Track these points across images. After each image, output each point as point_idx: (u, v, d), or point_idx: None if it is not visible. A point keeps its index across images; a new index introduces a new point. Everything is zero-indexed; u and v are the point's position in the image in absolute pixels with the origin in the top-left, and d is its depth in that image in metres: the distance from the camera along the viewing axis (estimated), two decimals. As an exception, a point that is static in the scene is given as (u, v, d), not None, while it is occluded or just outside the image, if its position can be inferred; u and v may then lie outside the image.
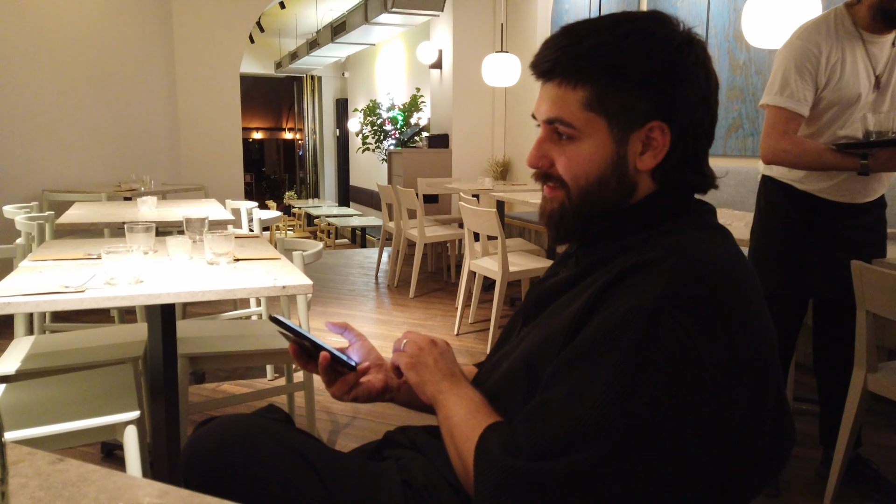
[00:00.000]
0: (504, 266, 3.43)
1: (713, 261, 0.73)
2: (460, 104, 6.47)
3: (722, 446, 0.69)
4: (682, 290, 0.68)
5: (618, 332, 0.67)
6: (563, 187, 0.82)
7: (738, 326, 0.70)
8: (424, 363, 0.89)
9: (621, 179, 0.80)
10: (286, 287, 1.57)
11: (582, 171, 0.80)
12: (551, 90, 0.81)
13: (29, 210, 3.36)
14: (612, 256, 0.79)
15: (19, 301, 1.37)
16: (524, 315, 0.91)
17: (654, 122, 0.78)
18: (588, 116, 0.79)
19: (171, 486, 0.66)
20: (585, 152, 0.80)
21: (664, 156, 0.79)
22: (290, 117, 15.33)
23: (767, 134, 1.96)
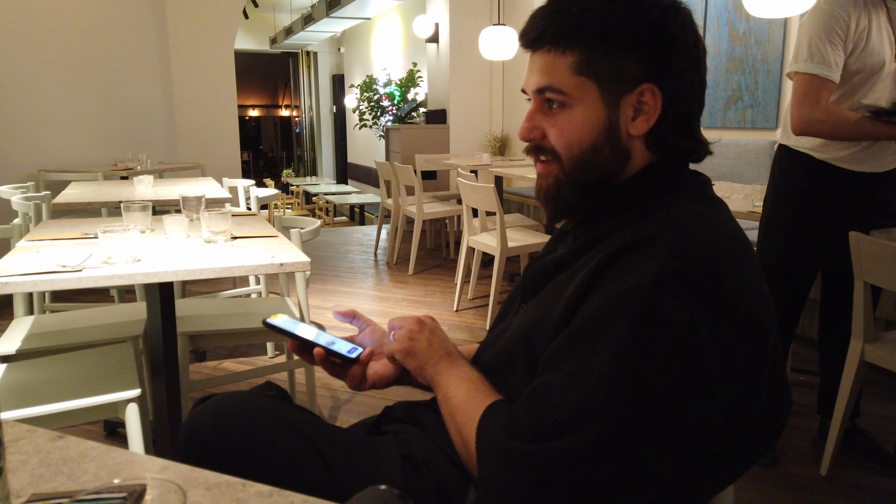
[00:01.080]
0: (503, 242, 3.43)
1: (709, 236, 0.73)
2: (458, 79, 6.41)
3: (721, 417, 0.69)
4: (679, 266, 0.68)
5: (616, 312, 0.67)
6: (557, 160, 0.82)
7: (735, 300, 0.70)
8: (418, 348, 0.89)
9: (615, 146, 0.80)
10: (284, 265, 1.57)
11: (575, 138, 0.80)
12: (540, 59, 0.80)
13: (25, 190, 3.35)
14: (609, 233, 0.79)
15: (17, 280, 1.37)
16: (522, 291, 0.91)
17: (645, 85, 0.77)
18: (578, 81, 0.78)
19: (171, 461, 0.66)
20: (577, 119, 0.79)
21: (656, 120, 0.79)
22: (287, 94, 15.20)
23: (799, 103, 1.89)
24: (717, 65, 4.26)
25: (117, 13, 5.05)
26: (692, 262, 0.69)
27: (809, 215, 2.01)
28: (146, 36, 5.29)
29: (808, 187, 2.00)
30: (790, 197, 2.05)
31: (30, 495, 0.59)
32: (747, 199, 2.44)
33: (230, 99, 5.81)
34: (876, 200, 1.98)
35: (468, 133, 6.49)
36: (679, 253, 0.69)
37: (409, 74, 8.22)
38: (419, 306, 3.93)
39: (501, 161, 5.40)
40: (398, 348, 0.90)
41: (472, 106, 6.48)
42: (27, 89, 4.44)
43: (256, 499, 0.60)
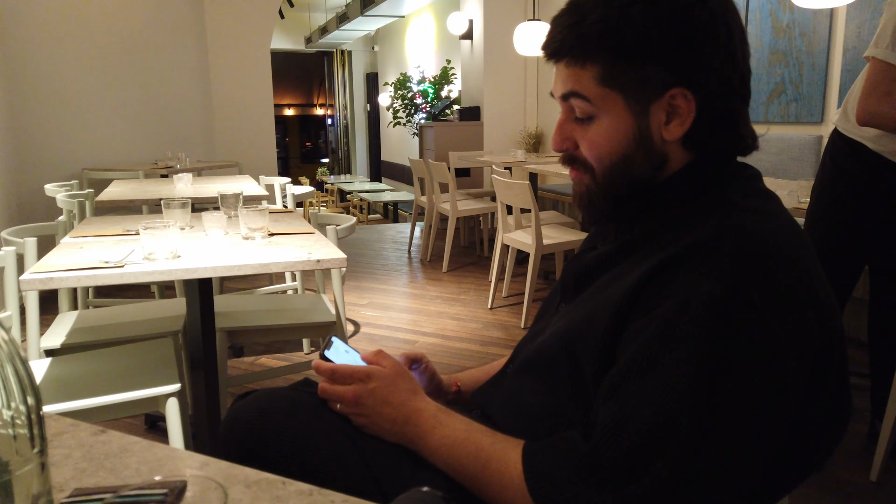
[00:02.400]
0: (538, 239, 3.39)
1: (772, 237, 0.69)
2: (491, 75, 6.37)
3: (790, 426, 0.66)
4: (748, 274, 0.65)
5: (687, 328, 0.64)
6: (588, 170, 0.79)
7: (806, 300, 0.67)
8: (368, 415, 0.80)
9: (648, 153, 0.76)
10: (321, 261, 1.57)
11: (605, 150, 0.76)
12: (563, 70, 0.78)
13: (69, 188, 3.43)
14: (656, 231, 0.75)
15: (61, 276, 1.40)
16: (563, 291, 0.87)
17: (674, 90, 0.73)
18: (602, 92, 0.75)
19: (211, 457, 0.66)
20: (605, 130, 0.76)
21: (692, 122, 0.75)
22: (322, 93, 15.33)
23: (869, 93, 1.78)
24: (759, 58, 4.14)
25: (158, 16, 5.15)
26: (760, 266, 0.65)
27: (859, 206, 1.92)
28: (185, 37, 5.38)
29: (858, 177, 1.92)
30: (839, 186, 1.97)
31: (72, 489, 0.59)
32: (792, 196, 2.36)
33: (267, 98, 5.87)
34: None
35: (502, 130, 6.44)
36: (745, 257, 0.66)
37: (442, 72, 8.20)
38: (453, 304, 3.92)
39: (536, 158, 5.35)
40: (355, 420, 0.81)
41: (507, 102, 6.43)
42: (72, 92, 4.57)
43: (296, 497, 0.59)
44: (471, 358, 3.05)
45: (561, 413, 0.76)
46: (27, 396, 0.41)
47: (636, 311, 0.69)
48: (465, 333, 3.39)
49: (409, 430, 0.78)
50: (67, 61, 4.55)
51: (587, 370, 0.72)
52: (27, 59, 4.36)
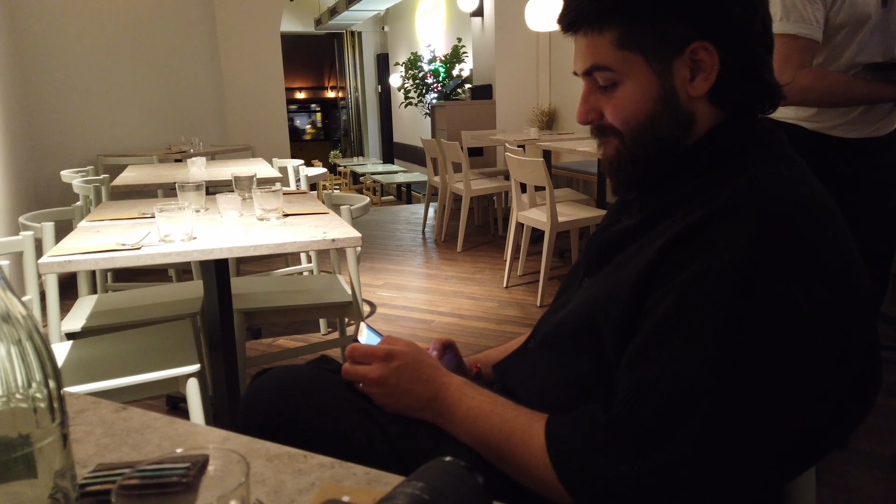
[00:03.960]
0: (553, 217, 3.37)
1: (799, 201, 0.67)
2: (503, 52, 6.29)
3: (814, 396, 0.65)
4: (771, 237, 0.63)
5: (709, 295, 0.63)
6: (616, 135, 0.78)
7: (832, 267, 0.65)
8: (392, 393, 0.79)
9: (674, 113, 0.75)
10: (335, 240, 1.57)
11: (630, 113, 0.76)
12: (581, 42, 0.78)
13: (85, 174, 3.46)
14: (681, 201, 0.73)
15: (79, 259, 1.41)
16: (586, 264, 0.86)
17: (694, 44, 0.72)
18: (622, 55, 0.74)
19: (232, 432, 0.66)
20: (630, 94, 0.75)
21: (717, 75, 0.73)
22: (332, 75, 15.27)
23: (780, 69, 1.70)
24: None
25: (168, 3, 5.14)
26: (785, 232, 0.64)
27: None
28: (196, 23, 5.37)
29: None
30: None
31: (95, 465, 0.59)
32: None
33: (278, 81, 5.86)
34: (885, 167, 1.77)
35: (515, 108, 6.38)
36: (769, 222, 0.64)
37: (453, 50, 8.13)
38: (469, 283, 3.91)
39: (549, 135, 5.30)
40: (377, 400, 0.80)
41: (519, 80, 6.36)
42: (86, 79, 4.59)
43: (318, 470, 0.59)
44: (487, 336, 3.05)
45: (583, 386, 0.75)
46: (46, 371, 0.41)
47: (658, 282, 0.67)
48: (482, 312, 3.39)
49: (435, 404, 0.78)
50: (81, 49, 4.56)
51: (609, 343, 0.71)
52: (42, 47, 4.38)
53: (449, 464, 0.47)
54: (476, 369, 0.96)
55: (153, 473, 0.53)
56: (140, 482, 0.50)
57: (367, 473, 0.58)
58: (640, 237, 0.75)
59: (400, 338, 0.83)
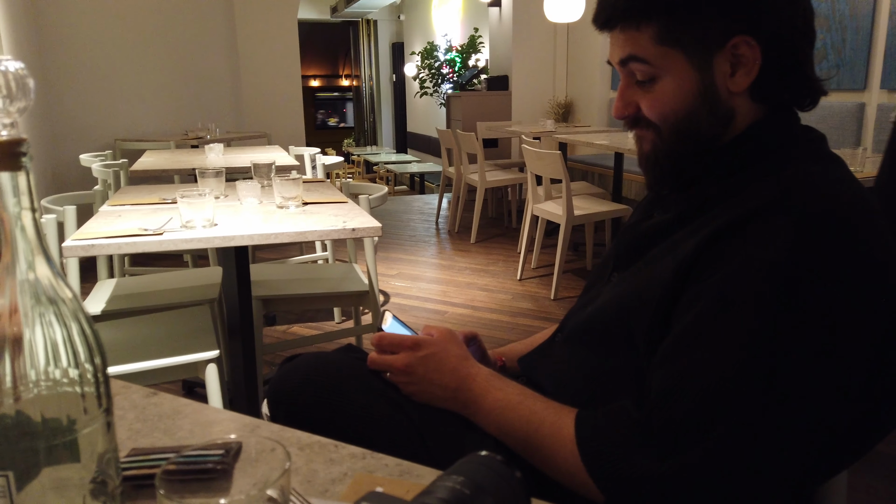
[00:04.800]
0: (568, 210, 3.35)
1: (840, 200, 0.66)
2: (520, 43, 6.25)
3: (851, 398, 0.64)
4: (815, 239, 0.62)
5: (749, 293, 0.62)
6: (653, 129, 0.77)
7: (873, 270, 0.64)
8: (418, 382, 0.79)
9: (713, 108, 0.73)
10: (356, 230, 1.57)
11: (668, 108, 0.74)
12: (618, 36, 0.76)
13: (104, 158, 3.48)
14: (718, 198, 0.72)
15: (102, 243, 1.42)
16: (616, 259, 0.84)
17: (736, 39, 0.71)
18: (661, 51, 0.73)
19: (262, 420, 0.66)
20: (669, 89, 0.74)
21: (759, 70, 0.72)
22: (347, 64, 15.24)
23: None
24: None
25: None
26: (825, 232, 0.63)
27: None
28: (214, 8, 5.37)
29: None
30: None
31: (129, 450, 0.60)
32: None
33: (294, 68, 5.85)
34: None
35: (531, 99, 6.34)
36: (810, 222, 0.63)
37: (470, 40, 8.08)
38: (482, 275, 3.91)
39: (565, 127, 5.26)
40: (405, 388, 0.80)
41: (535, 71, 6.32)
42: (105, 64, 4.62)
43: (349, 460, 0.59)
44: (501, 328, 3.05)
45: (611, 382, 0.75)
46: (93, 354, 0.41)
47: (693, 279, 0.67)
48: (495, 304, 3.39)
49: (461, 394, 0.77)
50: (101, 35, 4.59)
51: (640, 339, 0.71)
52: (62, 32, 4.40)
53: (487, 458, 0.47)
54: (500, 362, 0.96)
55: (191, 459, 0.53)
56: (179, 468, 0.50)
57: (399, 465, 0.58)
58: (675, 233, 0.74)
59: (437, 326, 0.83)
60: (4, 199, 0.38)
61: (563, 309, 3.29)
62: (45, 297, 0.40)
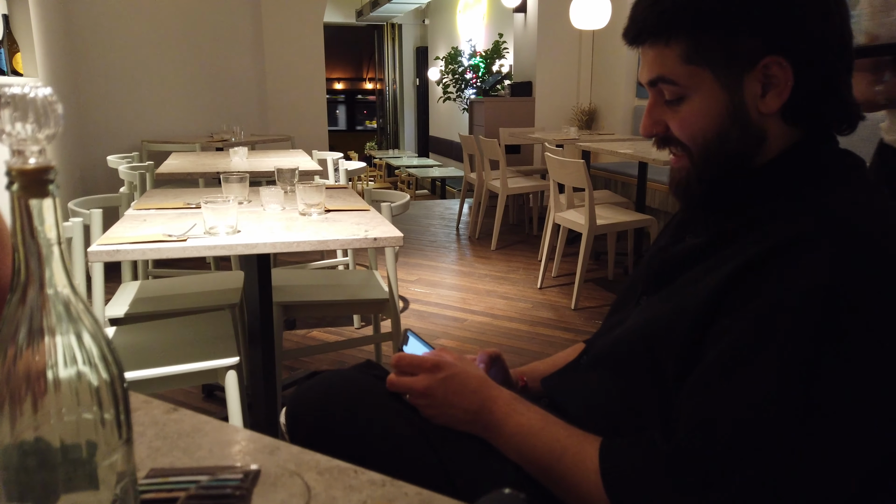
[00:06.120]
0: (591, 219, 3.32)
1: (878, 232, 0.64)
2: (545, 50, 6.23)
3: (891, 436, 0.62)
4: (849, 273, 0.60)
5: (785, 324, 0.60)
6: (686, 151, 0.75)
7: None
8: (438, 405, 0.77)
9: (744, 129, 0.72)
10: (377, 239, 1.57)
11: (697, 129, 0.73)
12: (648, 52, 0.75)
13: (130, 160, 3.52)
14: (752, 224, 0.70)
15: (127, 249, 1.43)
16: (644, 283, 0.83)
17: (767, 59, 0.69)
18: (690, 70, 0.71)
19: (282, 441, 0.66)
20: (697, 109, 0.72)
21: (790, 92, 0.69)
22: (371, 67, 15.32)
23: None
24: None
25: (214, -12, 5.20)
26: (863, 262, 0.61)
27: None
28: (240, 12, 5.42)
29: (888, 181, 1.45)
30: None
31: (149, 469, 0.59)
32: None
33: (319, 72, 5.89)
34: None
35: (554, 106, 6.31)
36: (848, 254, 0.61)
37: (494, 46, 8.08)
38: (502, 283, 3.89)
39: (589, 135, 5.23)
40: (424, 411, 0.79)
41: (560, 78, 6.29)
42: (132, 66, 4.69)
43: (369, 487, 0.58)
44: (520, 338, 3.03)
45: (637, 409, 0.73)
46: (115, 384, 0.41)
47: (726, 307, 0.65)
48: (515, 313, 3.37)
49: (482, 418, 0.76)
50: (129, 38, 4.67)
51: (669, 367, 0.69)
52: (90, 35, 4.48)
53: (509, 496, 0.46)
54: (522, 382, 0.95)
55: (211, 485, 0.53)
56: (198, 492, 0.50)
57: (419, 494, 0.57)
58: (707, 259, 0.72)
59: (449, 350, 0.82)
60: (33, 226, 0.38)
61: (583, 319, 3.26)
62: (69, 324, 0.39)
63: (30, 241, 0.38)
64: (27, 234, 0.38)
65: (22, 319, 0.38)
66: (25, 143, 0.37)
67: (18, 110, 0.37)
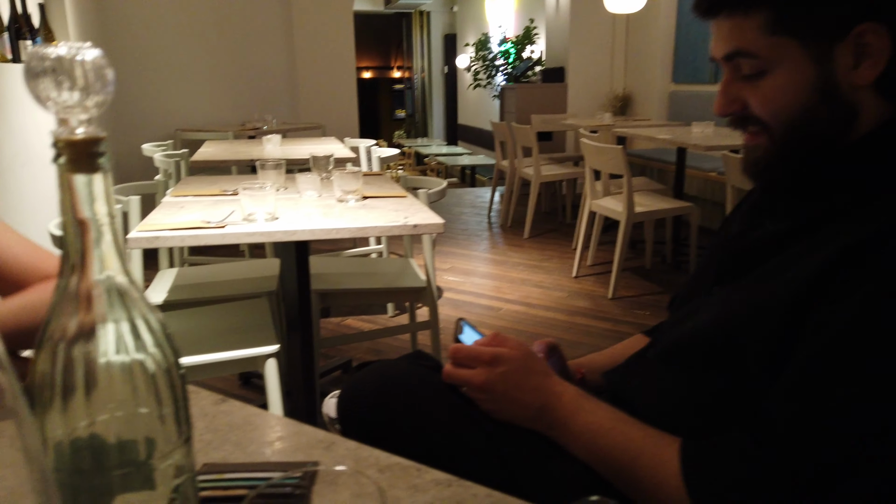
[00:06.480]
0: (629, 207, 3.24)
1: None
2: (578, 34, 6.10)
3: None
4: None
5: (892, 322, 0.55)
6: (766, 130, 0.69)
7: None
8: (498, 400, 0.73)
9: (834, 105, 0.65)
10: (417, 226, 1.53)
11: (781, 105, 0.66)
12: (723, 24, 0.68)
13: (165, 148, 3.53)
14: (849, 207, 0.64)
15: (166, 235, 1.41)
16: (717, 272, 0.76)
17: (861, 27, 0.62)
18: (773, 41, 0.65)
19: (338, 436, 0.62)
20: (781, 84, 0.66)
21: (887, 61, 0.63)
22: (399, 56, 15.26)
23: None
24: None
25: (245, -24, 5.20)
26: None
27: None
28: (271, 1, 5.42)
29: None
30: None
31: (202, 465, 0.56)
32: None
33: (349, 60, 5.86)
34: None
35: (587, 92, 6.19)
36: None
37: (525, 31, 7.96)
38: (536, 271, 3.83)
39: (623, 121, 5.11)
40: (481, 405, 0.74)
41: (593, 63, 6.16)
42: (166, 55, 4.73)
43: (434, 487, 0.54)
44: (557, 327, 2.97)
45: (716, 407, 0.68)
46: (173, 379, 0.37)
47: (823, 301, 0.59)
48: (550, 302, 3.31)
49: (546, 415, 0.72)
50: (162, 26, 4.70)
51: (754, 364, 0.63)
52: (124, 24, 4.51)
53: (599, 503, 0.41)
54: (580, 375, 0.90)
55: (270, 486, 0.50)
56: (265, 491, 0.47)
57: (490, 496, 0.53)
58: (793, 246, 0.66)
59: (509, 336, 0.77)
60: (80, 205, 0.34)
61: (621, 309, 3.19)
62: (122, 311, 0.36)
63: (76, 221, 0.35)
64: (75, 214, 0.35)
65: (71, 307, 0.35)
66: (72, 110, 0.33)
67: (64, 74, 0.33)
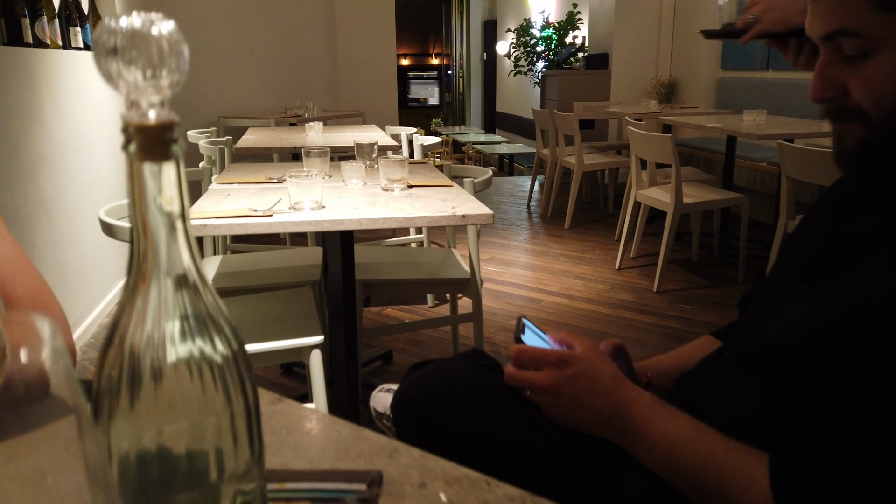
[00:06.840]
0: (677, 197, 3.14)
1: None
2: (623, 19, 5.95)
3: None
4: None
5: None
6: (862, 119, 0.63)
7: None
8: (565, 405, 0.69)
9: None
10: (466, 216, 1.49)
11: (887, 91, 0.60)
12: (822, 1, 0.62)
13: (209, 135, 3.56)
14: None
15: (215, 223, 1.40)
16: (802, 269, 0.70)
17: None
18: (881, 18, 0.58)
19: (400, 443, 0.59)
20: (889, 66, 0.59)
21: None
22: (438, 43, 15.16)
23: None
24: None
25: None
26: None
27: None
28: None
29: None
30: None
31: (261, 470, 0.53)
32: None
33: (389, 48, 5.83)
34: None
35: (631, 79, 6.04)
36: None
37: (568, 17, 7.79)
38: (578, 262, 3.76)
39: (669, 109, 4.97)
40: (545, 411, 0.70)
41: (638, 49, 6.01)
42: (211, 43, 4.78)
43: (506, 503, 0.50)
44: (600, 321, 2.91)
45: (799, 419, 0.62)
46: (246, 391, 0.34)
47: None
48: (593, 294, 3.24)
49: (618, 422, 0.67)
50: (205, 15, 4.74)
51: (852, 377, 0.57)
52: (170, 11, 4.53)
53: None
54: (646, 378, 0.85)
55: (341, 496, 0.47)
56: None
57: (569, 515, 0.49)
58: (888, 244, 0.60)
59: (580, 336, 0.72)
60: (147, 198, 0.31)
61: (666, 303, 3.10)
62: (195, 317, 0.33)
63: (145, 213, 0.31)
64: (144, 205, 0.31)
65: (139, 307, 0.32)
66: (145, 92, 0.30)
67: (135, 50, 0.29)
